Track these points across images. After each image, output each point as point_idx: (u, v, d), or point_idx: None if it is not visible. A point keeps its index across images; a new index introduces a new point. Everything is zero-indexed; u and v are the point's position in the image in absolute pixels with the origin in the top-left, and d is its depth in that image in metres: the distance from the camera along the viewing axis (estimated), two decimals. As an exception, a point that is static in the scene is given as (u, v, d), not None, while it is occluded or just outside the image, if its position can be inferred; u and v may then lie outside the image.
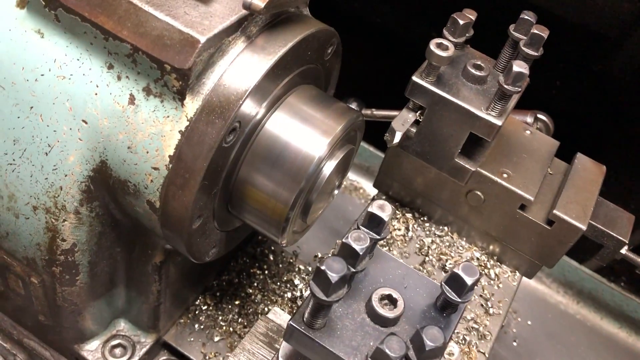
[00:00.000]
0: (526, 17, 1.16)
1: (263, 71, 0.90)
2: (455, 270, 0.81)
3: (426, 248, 1.37)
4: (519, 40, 1.16)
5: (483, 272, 1.37)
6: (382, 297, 0.82)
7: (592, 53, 2.42)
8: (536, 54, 1.14)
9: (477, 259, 1.39)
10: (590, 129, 2.34)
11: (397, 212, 1.43)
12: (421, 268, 1.34)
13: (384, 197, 1.45)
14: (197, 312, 1.38)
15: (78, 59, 0.92)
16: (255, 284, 1.46)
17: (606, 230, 1.32)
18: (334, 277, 0.71)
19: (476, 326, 1.27)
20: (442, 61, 1.12)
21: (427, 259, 1.36)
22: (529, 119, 1.49)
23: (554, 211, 1.25)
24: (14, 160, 0.98)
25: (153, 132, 0.90)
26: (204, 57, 0.86)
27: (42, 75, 0.93)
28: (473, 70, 1.17)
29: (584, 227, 1.24)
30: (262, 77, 0.90)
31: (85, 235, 1.04)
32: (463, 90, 1.17)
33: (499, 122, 1.13)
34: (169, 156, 0.90)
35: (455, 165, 1.23)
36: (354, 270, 0.79)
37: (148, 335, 1.30)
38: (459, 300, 0.82)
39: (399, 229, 1.39)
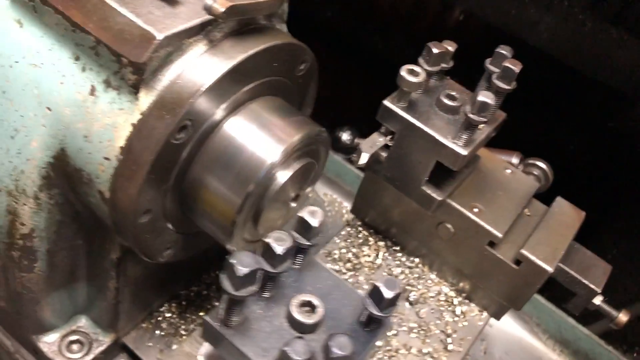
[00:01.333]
0: (502, 51, 1.17)
1: (219, 73, 0.92)
2: (376, 283, 0.81)
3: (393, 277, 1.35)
4: (493, 73, 1.17)
5: (448, 309, 1.34)
6: (303, 303, 0.81)
7: (607, 109, 2.40)
8: (507, 87, 1.14)
9: (445, 294, 1.37)
10: (597, 184, 2.29)
11: (369, 239, 1.42)
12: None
13: (359, 224, 1.45)
14: (160, 319, 1.38)
15: (50, 50, 0.96)
16: (224, 298, 1.45)
17: (578, 277, 1.30)
18: (241, 270, 0.71)
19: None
20: (412, 87, 1.13)
21: (393, 288, 1.34)
22: (514, 160, 1.47)
23: (522, 250, 1.23)
24: (-11, 145, 1.03)
25: (108, 123, 0.93)
26: (161, 54, 0.90)
27: (17, 62, 0.98)
28: (446, 100, 1.18)
29: (550, 269, 1.21)
30: (218, 79, 0.92)
31: (43, 222, 1.07)
32: (434, 118, 1.17)
33: (464, 152, 1.13)
34: (120, 147, 0.93)
35: (423, 193, 1.22)
36: (274, 270, 0.79)
37: (107, 334, 1.31)
38: (380, 314, 0.81)
39: (369, 256, 1.39)
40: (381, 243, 1.43)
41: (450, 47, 1.21)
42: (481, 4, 2.28)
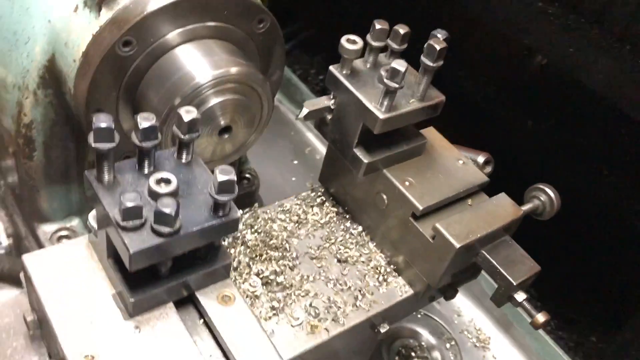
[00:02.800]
0: (435, 33, 1.28)
1: (159, 5, 1.16)
2: (221, 175, 0.96)
3: (333, 238, 1.48)
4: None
5: (374, 276, 1.43)
6: (162, 179, 1.00)
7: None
8: (430, 63, 1.25)
9: (377, 263, 1.45)
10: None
11: (326, 204, 1.56)
12: (316, 251, 1.44)
13: (322, 190, 1.59)
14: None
15: (57, -23, 1.27)
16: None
17: (498, 267, 1.33)
18: (102, 126, 0.92)
19: (335, 308, 1.33)
20: (350, 54, 1.28)
21: (327, 245, 1.46)
22: (480, 158, 1.53)
23: (436, 224, 1.30)
24: (10, 48, 1.36)
25: (79, 33, 1.20)
26: (120, -18, 1.16)
27: (36, -14, 1.30)
28: (382, 72, 1.31)
29: (457, 245, 1.27)
30: (160, 8, 1.16)
31: (40, 116, 1.36)
32: (369, 88, 1.31)
33: (381, 116, 1.25)
34: (82, 52, 1.19)
35: (354, 155, 1.35)
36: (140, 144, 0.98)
37: (91, 236, 1.57)
38: (216, 197, 0.97)
39: (317, 214, 1.52)
40: (334, 209, 1.55)
41: (402, 29, 1.34)
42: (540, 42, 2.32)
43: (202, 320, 1.12)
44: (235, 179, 0.98)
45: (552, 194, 1.66)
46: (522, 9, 2.10)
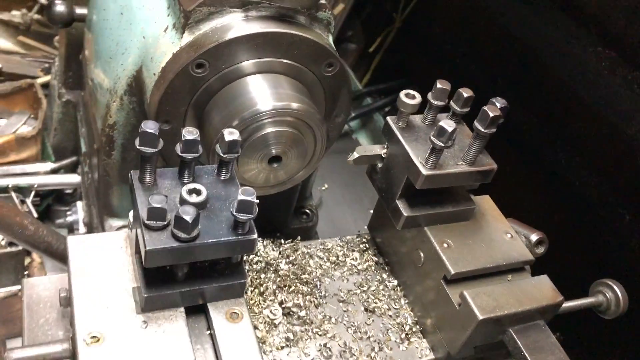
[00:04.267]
0: (495, 100, 1.28)
1: (236, 35, 1.26)
2: (242, 195, 1.02)
3: (366, 286, 1.49)
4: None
5: (397, 332, 1.42)
6: (193, 189, 1.07)
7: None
8: (482, 129, 1.25)
9: (403, 320, 1.44)
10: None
11: (368, 251, 1.58)
12: (346, 295, 1.46)
13: (367, 238, 1.61)
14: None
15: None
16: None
17: (523, 350, 1.29)
18: (148, 131, 1.02)
19: (349, 355, 1.34)
20: (406, 108, 1.32)
21: (358, 291, 1.47)
22: (533, 237, 1.47)
23: (464, 291, 1.28)
24: (111, 57, 1.52)
25: (163, 50, 1.33)
26: (204, 10, 1.28)
27: (143, 5, 1.46)
28: (436, 130, 1.33)
29: (480, 316, 1.25)
30: (233, 38, 1.26)
31: (122, 119, 1.51)
32: (420, 143, 1.33)
33: (424, 172, 1.27)
34: (162, 67, 1.32)
35: (395, 206, 1.37)
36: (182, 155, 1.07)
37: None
38: (235, 214, 1.03)
39: (355, 260, 1.54)
40: (375, 258, 1.56)
41: (465, 93, 1.35)
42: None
43: (209, 331, 1.16)
44: (256, 201, 1.03)
45: (619, 292, 1.57)
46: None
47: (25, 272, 2.20)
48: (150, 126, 1.04)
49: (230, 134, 1.10)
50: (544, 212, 2.46)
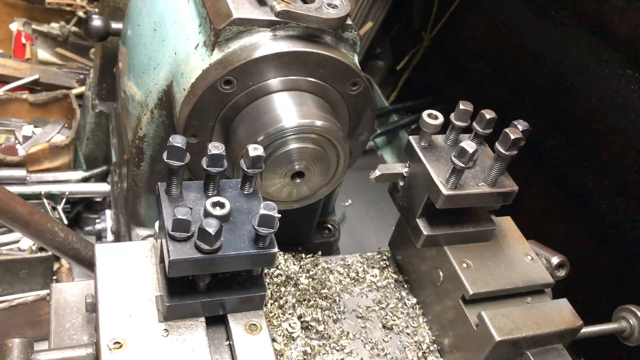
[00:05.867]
0: (517, 123, 1.29)
1: (263, 53, 1.30)
2: (264, 209, 1.05)
3: (384, 303, 1.50)
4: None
5: (414, 350, 1.43)
6: (217, 202, 1.10)
7: None
8: (503, 151, 1.26)
9: (421, 338, 1.45)
10: None
11: (388, 268, 1.59)
12: (364, 312, 1.47)
13: (388, 256, 1.62)
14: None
15: (191, 18, 1.46)
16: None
17: None
18: (176, 145, 1.06)
19: (364, 370, 1.35)
20: (428, 128, 1.34)
21: (376, 308, 1.49)
22: (554, 260, 1.47)
23: (482, 312, 1.29)
24: (143, 71, 1.57)
25: (194, 66, 1.38)
26: (234, 29, 1.32)
27: (176, 23, 1.51)
28: (458, 151, 1.34)
29: (497, 338, 1.26)
30: (261, 57, 1.30)
31: (152, 131, 1.56)
32: (441, 163, 1.35)
33: (444, 191, 1.28)
34: (192, 83, 1.36)
35: (415, 225, 1.38)
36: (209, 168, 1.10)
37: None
38: (257, 228, 1.05)
39: (375, 276, 1.55)
40: (394, 275, 1.57)
41: (488, 114, 1.36)
42: None
43: (228, 342, 1.19)
44: (277, 215, 1.06)
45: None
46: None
47: (54, 277, 2.26)
48: (177, 140, 1.07)
49: (255, 150, 1.13)
50: (568, 235, 2.44)
